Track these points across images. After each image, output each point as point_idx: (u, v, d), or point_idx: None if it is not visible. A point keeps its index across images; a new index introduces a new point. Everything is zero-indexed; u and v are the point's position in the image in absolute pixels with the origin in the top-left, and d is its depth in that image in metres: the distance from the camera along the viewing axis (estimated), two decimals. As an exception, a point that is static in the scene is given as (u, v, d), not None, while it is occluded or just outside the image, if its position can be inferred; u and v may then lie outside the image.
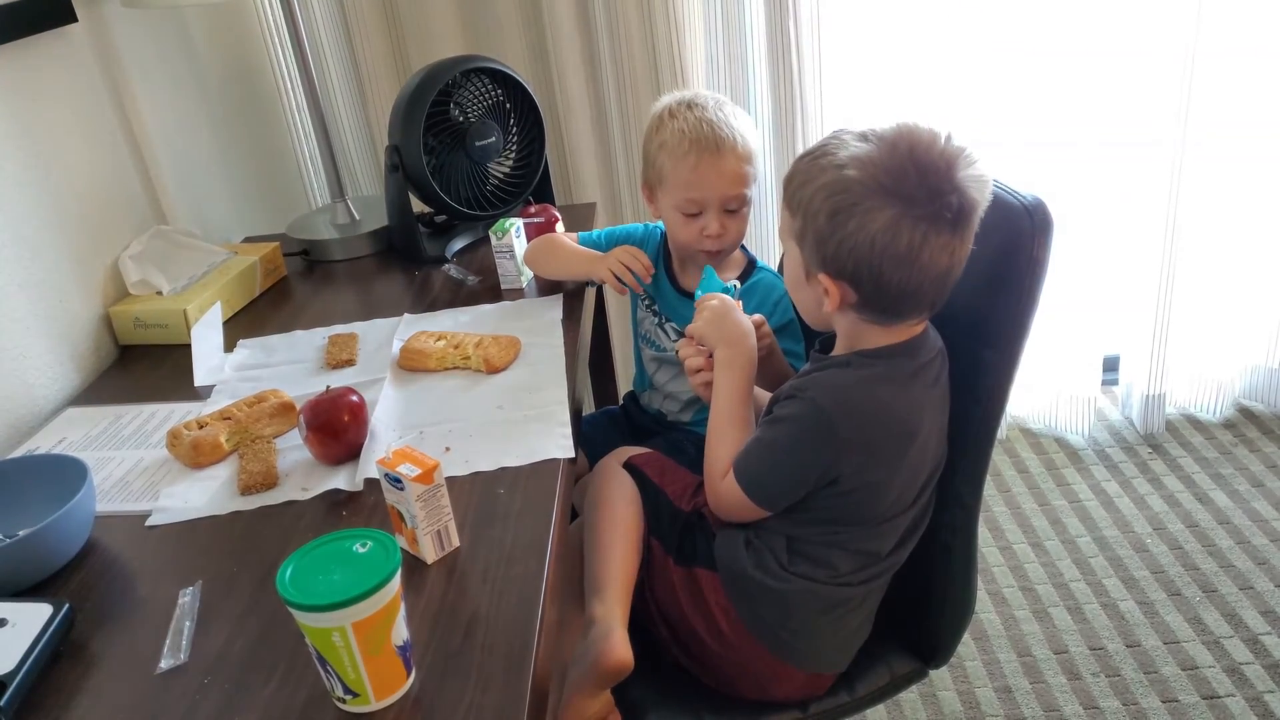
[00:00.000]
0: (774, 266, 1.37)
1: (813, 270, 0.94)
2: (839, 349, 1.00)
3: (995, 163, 1.02)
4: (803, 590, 0.99)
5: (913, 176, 0.86)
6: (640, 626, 1.06)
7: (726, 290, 1.11)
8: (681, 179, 1.23)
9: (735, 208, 1.25)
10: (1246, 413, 2.22)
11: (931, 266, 0.88)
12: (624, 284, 1.28)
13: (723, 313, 1.06)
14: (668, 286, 1.38)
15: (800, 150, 1.83)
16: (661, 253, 1.38)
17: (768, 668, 1.03)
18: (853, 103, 1.91)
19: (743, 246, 1.37)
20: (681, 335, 1.37)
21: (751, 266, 1.34)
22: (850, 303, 0.93)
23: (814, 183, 0.90)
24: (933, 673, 1.16)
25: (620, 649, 0.95)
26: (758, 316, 1.11)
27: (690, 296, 1.32)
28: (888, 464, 0.95)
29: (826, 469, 0.94)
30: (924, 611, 1.09)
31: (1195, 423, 2.20)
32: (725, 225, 1.25)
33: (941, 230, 0.87)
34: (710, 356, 1.08)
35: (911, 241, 0.86)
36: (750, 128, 1.25)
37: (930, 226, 0.86)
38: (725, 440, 1.02)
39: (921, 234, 0.86)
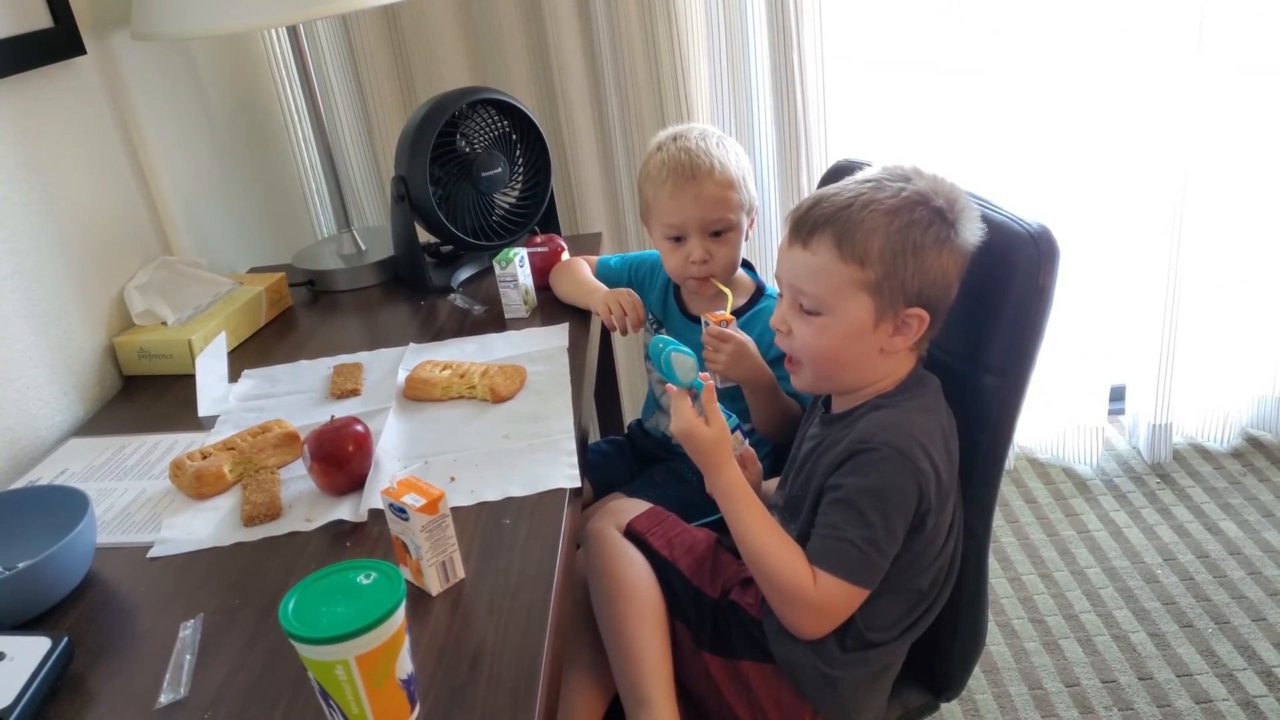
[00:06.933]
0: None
1: (894, 310, 0.92)
2: (850, 403, 1.00)
3: (998, 191, 1.03)
4: (863, 661, 0.97)
5: (958, 202, 0.95)
6: None
7: (693, 385, 1.00)
8: (662, 205, 1.27)
9: (719, 231, 1.26)
10: (1254, 442, 2.20)
11: (959, 280, 0.95)
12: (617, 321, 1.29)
13: (686, 432, 0.98)
14: (675, 311, 1.39)
15: (805, 184, 1.85)
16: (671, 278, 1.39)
17: None
18: (856, 137, 1.92)
19: (752, 273, 1.38)
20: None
21: (760, 293, 1.34)
22: (921, 331, 0.94)
23: (888, 228, 0.91)
24: (943, 706, 1.14)
25: None
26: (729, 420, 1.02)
27: (697, 321, 1.33)
28: (949, 489, 0.94)
29: (915, 509, 0.91)
30: (934, 644, 1.07)
31: (1203, 452, 2.19)
32: (710, 251, 1.27)
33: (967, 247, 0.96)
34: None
35: (965, 256, 0.95)
36: (735, 156, 1.27)
37: (964, 243, 0.95)
38: (781, 550, 0.93)
39: (964, 252, 0.95)
